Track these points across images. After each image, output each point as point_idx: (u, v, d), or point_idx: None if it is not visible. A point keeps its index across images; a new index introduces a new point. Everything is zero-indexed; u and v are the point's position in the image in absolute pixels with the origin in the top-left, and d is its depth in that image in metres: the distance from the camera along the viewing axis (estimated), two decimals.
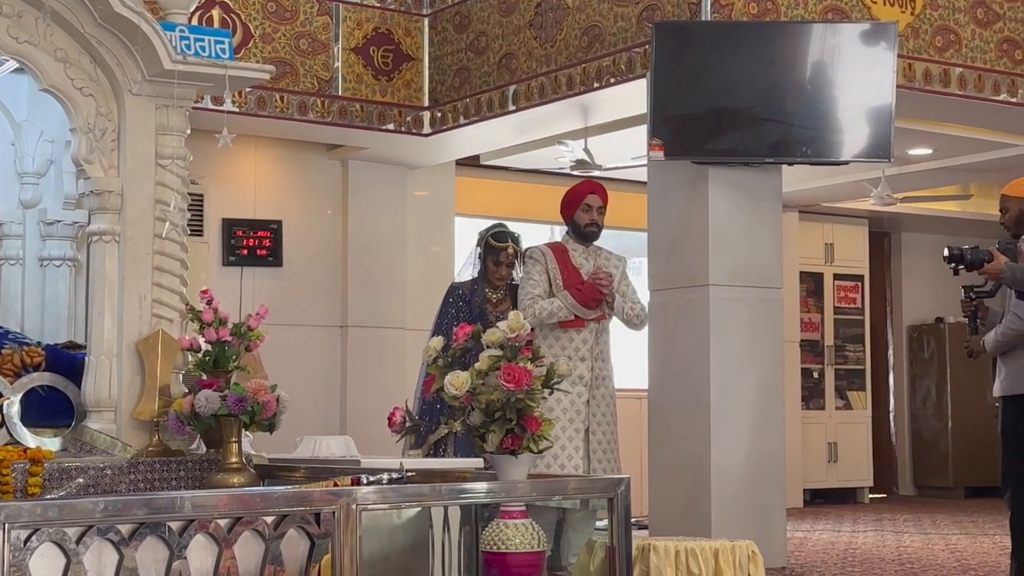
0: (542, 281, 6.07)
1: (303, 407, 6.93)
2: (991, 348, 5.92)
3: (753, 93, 6.70)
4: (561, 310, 5.98)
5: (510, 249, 6.39)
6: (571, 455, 5.86)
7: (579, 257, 6.17)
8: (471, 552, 4.23)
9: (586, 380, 5.98)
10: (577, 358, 5.97)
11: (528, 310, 5.94)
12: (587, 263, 6.15)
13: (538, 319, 5.93)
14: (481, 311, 6.29)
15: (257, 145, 8.91)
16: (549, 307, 5.98)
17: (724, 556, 4.35)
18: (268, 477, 4.63)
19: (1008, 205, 6.04)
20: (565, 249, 6.19)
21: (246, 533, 3.42)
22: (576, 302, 5.98)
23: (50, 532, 3.11)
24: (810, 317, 11.62)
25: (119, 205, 4.71)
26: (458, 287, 6.54)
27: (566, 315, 5.99)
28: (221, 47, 4.93)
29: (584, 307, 5.99)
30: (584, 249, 6.20)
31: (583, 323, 6.02)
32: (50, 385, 4.82)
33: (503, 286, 6.44)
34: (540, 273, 6.09)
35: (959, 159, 9.46)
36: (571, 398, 5.88)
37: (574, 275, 6.07)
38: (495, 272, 6.41)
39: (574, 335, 6.03)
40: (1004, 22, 7.61)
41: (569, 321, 6.00)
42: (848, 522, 9.65)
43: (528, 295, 6.05)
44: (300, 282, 9.09)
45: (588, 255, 6.19)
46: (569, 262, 6.12)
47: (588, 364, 6.00)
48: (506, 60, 8.06)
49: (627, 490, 4.07)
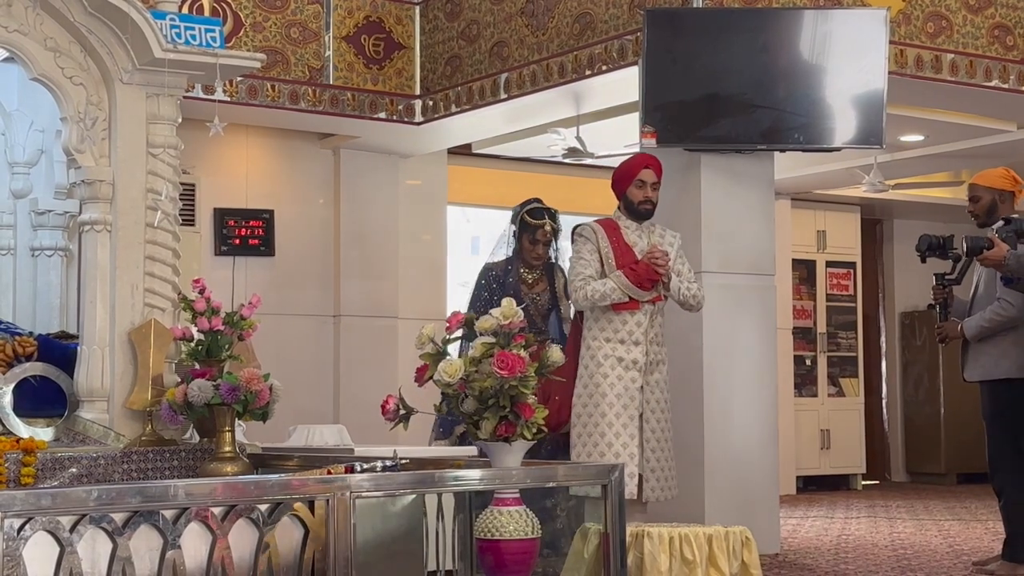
0: (593, 261, 5.66)
1: (296, 396, 6.94)
2: (973, 334, 6.00)
3: (745, 80, 6.70)
4: (615, 291, 5.57)
5: (547, 226, 6.05)
6: (626, 443, 5.54)
7: (632, 234, 5.73)
8: (465, 539, 4.23)
9: (640, 365, 5.61)
10: (631, 342, 5.61)
11: (579, 292, 5.60)
12: (641, 240, 5.73)
13: (590, 301, 5.59)
14: (516, 293, 5.95)
15: (248, 134, 8.89)
16: (602, 288, 5.57)
17: (718, 542, 4.35)
18: (261, 466, 4.64)
19: (979, 194, 6.14)
20: (617, 226, 5.75)
21: (240, 521, 3.43)
22: (631, 283, 5.56)
23: (44, 521, 3.11)
24: (802, 304, 11.63)
25: (110, 194, 4.70)
26: (491, 268, 6.19)
27: (620, 297, 5.57)
28: (212, 35, 4.92)
29: (639, 288, 5.57)
30: (637, 226, 5.76)
31: (638, 305, 5.61)
32: (43, 375, 4.81)
33: (539, 266, 6.11)
34: (591, 252, 5.67)
35: (951, 145, 9.45)
36: (624, 383, 5.57)
37: (627, 254, 5.66)
38: (531, 251, 6.09)
39: (627, 318, 5.62)
40: (996, 8, 7.60)
41: (623, 303, 5.59)
42: (841, 508, 9.67)
43: (579, 276, 5.63)
44: (292, 271, 9.08)
45: (642, 232, 5.76)
46: (622, 240, 5.70)
47: (643, 348, 5.62)
48: (498, 48, 8.05)
49: (621, 477, 4.07)
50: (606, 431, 5.54)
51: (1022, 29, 7.67)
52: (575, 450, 5.59)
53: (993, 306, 5.98)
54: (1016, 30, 7.65)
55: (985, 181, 6.18)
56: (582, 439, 5.60)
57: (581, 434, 5.61)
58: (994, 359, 6.01)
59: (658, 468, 5.60)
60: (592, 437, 5.56)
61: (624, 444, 5.54)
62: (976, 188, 6.18)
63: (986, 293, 6.06)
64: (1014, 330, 5.97)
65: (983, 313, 5.99)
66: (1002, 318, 5.95)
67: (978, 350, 6.03)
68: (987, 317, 5.97)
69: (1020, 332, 5.98)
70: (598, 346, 5.60)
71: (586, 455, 5.54)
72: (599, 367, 5.58)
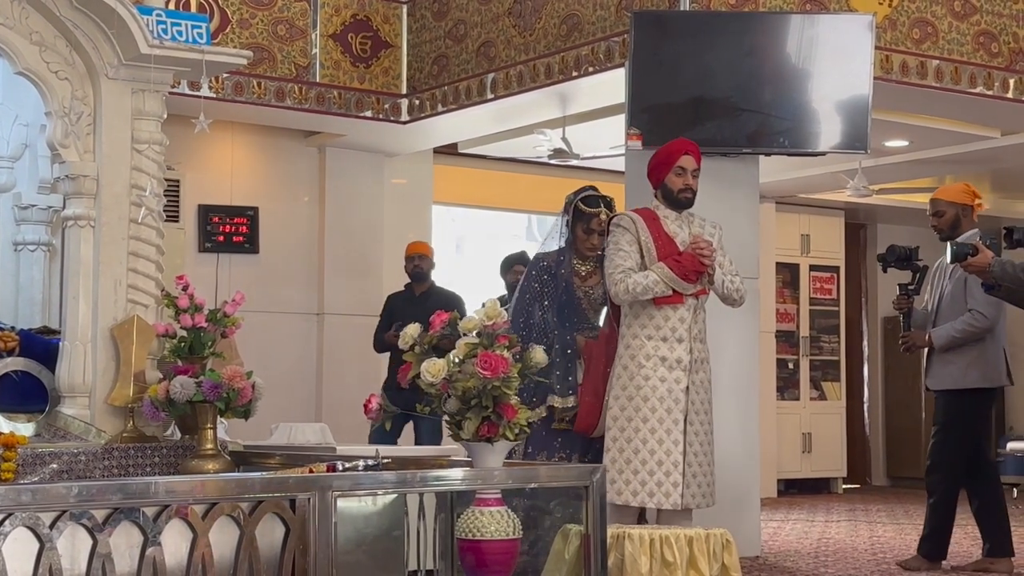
0: (633, 252, 5.29)
1: (279, 394, 6.92)
2: (943, 343, 6.16)
3: (731, 83, 6.71)
4: (658, 284, 5.21)
5: (603, 215, 5.65)
6: (669, 449, 5.20)
7: (672, 224, 5.39)
8: (446, 539, 4.23)
9: (684, 364, 5.25)
10: (674, 339, 5.26)
11: (620, 285, 5.24)
12: (681, 231, 5.39)
13: (631, 295, 5.23)
14: (568, 285, 5.65)
15: (234, 131, 8.88)
16: (644, 281, 5.21)
17: (698, 544, 4.36)
18: (243, 464, 4.63)
19: (944, 209, 6.34)
20: (656, 216, 5.39)
21: (221, 519, 3.42)
22: (675, 275, 5.21)
23: (23, 517, 3.10)
24: (786, 308, 11.66)
25: (94, 190, 4.69)
26: (542, 259, 5.78)
27: (663, 290, 5.22)
28: (198, 32, 4.91)
29: (684, 280, 5.23)
30: (677, 215, 5.41)
31: (681, 299, 5.27)
32: (24, 370, 4.80)
33: (593, 257, 5.71)
34: (630, 243, 5.31)
35: (935, 151, 9.50)
36: (668, 385, 5.23)
37: (669, 245, 5.31)
38: (585, 241, 5.68)
39: (670, 313, 5.28)
40: (981, 15, 7.64)
41: (665, 297, 5.25)
42: (822, 512, 9.70)
43: (619, 268, 5.27)
44: (276, 269, 9.07)
45: (682, 222, 5.42)
46: (662, 230, 5.35)
47: (686, 345, 5.27)
48: (485, 48, 8.05)
49: (602, 478, 4.08)
50: (648, 437, 5.21)
51: (1007, 36, 7.70)
52: (609, 454, 5.26)
53: (966, 317, 6.15)
54: (1001, 37, 7.68)
55: (948, 196, 6.39)
56: (618, 443, 5.26)
57: (618, 438, 5.27)
58: (961, 369, 6.18)
59: (700, 473, 5.28)
60: (632, 443, 5.22)
61: (667, 451, 5.20)
62: (940, 203, 6.37)
63: (952, 304, 6.18)
64: (980, 341, 6.15)
65: (954, 324, 6.16)
66: (975, 329, 6.15)
67: (944, 360, 6.19)
68: (959, 328, 6.14)
69: (986, 343, 6.18)
70: (639, 345, 5.28)
71: (624, 461, 5.22)
72: (640, 368, 5.25)
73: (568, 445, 5.52)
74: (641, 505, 5.19)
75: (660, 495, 5.17)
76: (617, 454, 5.24)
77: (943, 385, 6.23)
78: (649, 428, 5.21)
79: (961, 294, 6.19)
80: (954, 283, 6.24)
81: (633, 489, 5.19)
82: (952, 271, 6.24)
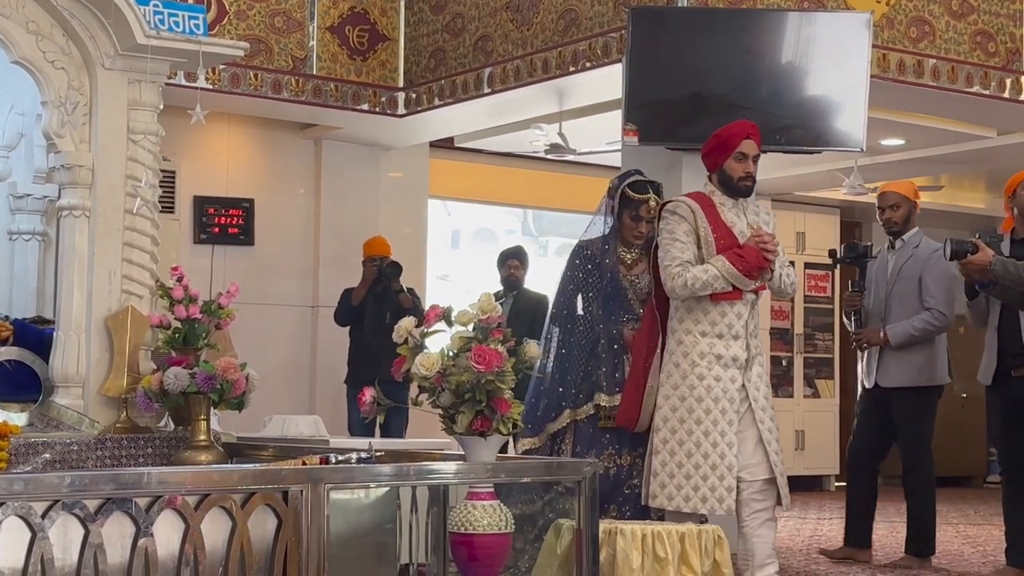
0: (691, 243, 4.95)
1: (272, 386, 6.92)
2: (901, 340, 6.23)
3: (728, 80, 6.71)
4: (718, 280, 4.87)
5: (651, 202, 5.34)
6: (723, 453, 4.89)
7: (729, 212, 5.04)
8: (439, 533, 4.23)
9: (740, 362, 4.94)
10: (730, 336, 4.94)
11: (678, 280, 4.90)
12: (739, 220, 5.04)
13: (690, 291, 4.90)
14: (613, 275, 5.36)
15: (230, 123, 8.87)
16: (704, 277, 4.87)
17: (690, 540, 4.36)
18: (236, 455, 4.63)
19: (899, 203, 6.50)
20: (712, 203, 5.03)
21: (213, 510, 3.42)
22: (737, 271, 4.88)
23: (16, 506, 3.10)
24: (780, 305, 11.65)
25: (90, 180, 4.68)
26: (585, 246, 5.46)
27: (723, 286, 4.89)
28: (195, 23, 4.91)
29: (746, 276, 4.91)
30: (733, 203, 5.06)
31: (740, 295, 4.94)
32: (18, 360, 4.80)
33: (639, 245, 5.40)
34: (687, 234, 4.96)
35: (931, 150, 9.51)
36: (723, 384, 4.91)
37: (728, 235, 4.97)
38: (632, 229, 5.37)
39: (727, 308, 4.94)
40: (978, 14, 7.64)
41: (723, 293, 4.92)
42: (814, 509, 9.70)
43: (676, 260, 4.92)
44: (271, 261, 9.06)
45: (739, 210, 5.06)
46: (720, 219, 5.01)
47: (742, 342, 4.95)
48: (482, 42, 8.04)
49: (595, 474, 4.08)
50: (702, 440, 4.89)
51: (1004, 36, 7.71)
52: (658, 457, 4.96)
53: (925, 316, 6.21)
54: (998, 37, 7.69)
55: (902, 190, 6.50)
56: (668, 446, 4.94)
57: (668, 440, 4.95)
58: (917, 367, 6.25)
59: (782, 472, 4.98)
60: (685, 446, 4.90)
61: (722, 454, 4.88)
62: (895, 196, 6.47)
63: (903, 302, 6.23)
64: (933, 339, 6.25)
65: (912, 322, 6.21)
66: (934, 328, 6.23)
67: (899, 357, 6.24)
68: (918, 327, 6.21)
69: (939, 341, 6.28)
70: (692, 341, 4.96)
71: (675, 465, 4.91)
72: (694, 366, 4.94)
73: (617, 442, 5.25)
74: (693, 511, 4.89)
75: (713, 500, 4.86)
76: (668, 457, 4.94)
77: (898, 383, 6.26)
78: (703, 430, 4.89)
79: (914, 292, 6.27)
80: (904, 281, 6.33)
81: (685, 495, 4.88)
82: (901, 269, 6.34)
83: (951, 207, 11.53)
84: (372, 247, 8.45)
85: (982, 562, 6.55)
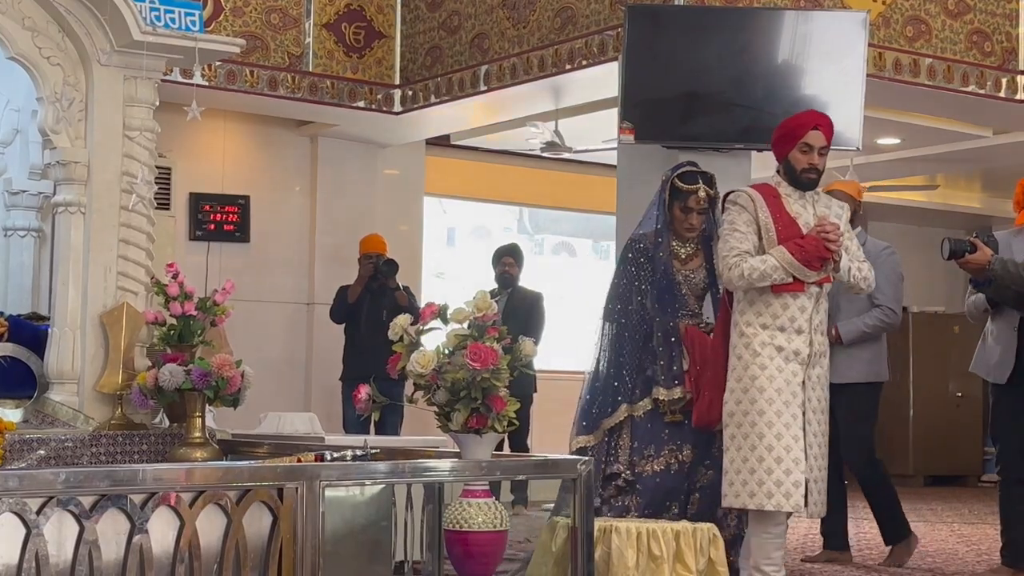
0: (750, 233, 4.82)
1: (268, 383, 6.92)
2: (853, 337, 6.22)
3: (724, 78, 6.71)
4: (777, 270, 4.73)
5: (702, 192, 5.22)
6: (789, 445, 4.70)
7: (795, 204, 4.90)
8: (434, 530, 4.24)
9: (802, 357, 4.77)
10: (792, 329, 4.78)
11: (735, 270, 4.76)
12: (805, 212, 4.89)
13: (746, 281, 4.76)
14: (667, 269, 5.23)
15: (226, 120, 8.86)
16: (761, 267, 4.73)
17: (685, 538, 4.37)
18: (231, 452, 4.63)
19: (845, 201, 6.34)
20: (777, 193, 4.91)
21: (208, 507, 3.42)
22: (797, 261, 4.73)
23: (10, 503, 3.10)
24: None
25: (85, 176, 4.68)
26: (638, 240, 5.33)
27: (782, 277, 4.74)
28: (191, 19, 4.91)
29: (806, 267, 4.75)
30: (801, 195, 4.92)
31: (802, 287, 4.78)
32: (12, 356, 4.79)
33: (694, 238, 5.28)
34: (748, 224, 4.84)
35: (927, 149, 9.53)
36: (785, 376, 4.74)
37: (791, 227, 4.82)
38: (683, 221, 5.24)
39: (789, 301, 4.79)
40: (974, 14, 7.65)
41: (784, 284, 4.76)
42: None
43: (733, 251, 4.80)
44: (267, 258, 9.06)
45: (806, 202, 4.92)
46: (783, 210, 4.87)
47: (805, 337, 4.78)
48: (478, 40, 8.04)
49: (590, 470, 4.08)
50: (765, 432, 4.70)
51: (1000, 35, 7.72)
52: (728, 454, 4.78)
53: (876, 313, 6.23)
54: (994, 36, 7.70)
55: (848, 190, 6.50)
56: (736, 441, 4.76)
57: (735, 435, 4.77)
58: (866, 362, 6.26)
59: (820, 479, 4.79)
60: (749, 439, 4.72)
61: (787, 447, 4.69)
62: (842, 195, 6.40)
63: (851, 298, 6.21)
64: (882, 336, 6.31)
65: (864, 318, 6.24)
66: (885, 325, 6.26)
67: (849, 354, 6.22)
68: (870, 324, 6.23)
69: (882, 338, 6.33)
70: (753, 333, 4.80)
71: (741, 460, 4.73)
72: (755, 357, 4.77)
73: (678, 437, 5.12)
74: (759, 508, 4.68)
75: (780, 496, 4.66)
76: (735, 453, 4.76)
77: (848, 379, 6.20)
78: (766, 422, 4.71)
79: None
80: None
81: (750, 490, 4.68)
82: None
83: (947, 206, 11.55)
84: (368, 244, 8.46)
85: (976, 561, 6.55)
